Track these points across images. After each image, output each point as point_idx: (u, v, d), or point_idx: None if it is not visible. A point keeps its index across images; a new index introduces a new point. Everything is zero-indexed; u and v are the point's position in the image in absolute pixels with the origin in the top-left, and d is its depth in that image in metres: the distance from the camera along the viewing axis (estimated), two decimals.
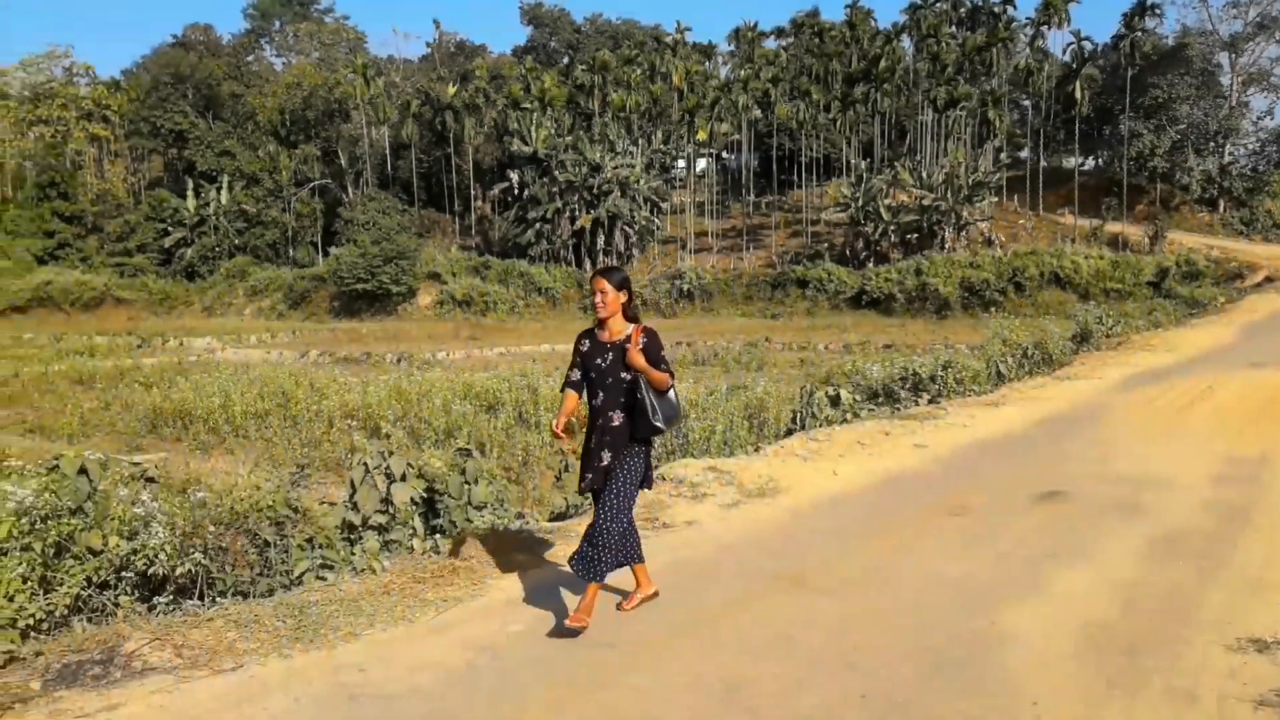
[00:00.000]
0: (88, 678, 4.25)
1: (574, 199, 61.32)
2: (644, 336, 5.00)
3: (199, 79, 75.12)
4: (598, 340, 5.11)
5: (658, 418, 4.93)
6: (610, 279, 5.06)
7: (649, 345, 4.99)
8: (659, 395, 4.97)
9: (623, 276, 5.11)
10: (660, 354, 5.01)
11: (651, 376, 4.93)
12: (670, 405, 5.04)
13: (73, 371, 32.58)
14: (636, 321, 5.10)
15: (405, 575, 5.77)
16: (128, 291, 62.70)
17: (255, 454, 19.05)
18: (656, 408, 4.94)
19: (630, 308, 5.11)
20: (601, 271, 5.10)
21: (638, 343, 4.96)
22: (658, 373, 4.94)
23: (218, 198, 67.54)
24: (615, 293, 5.04)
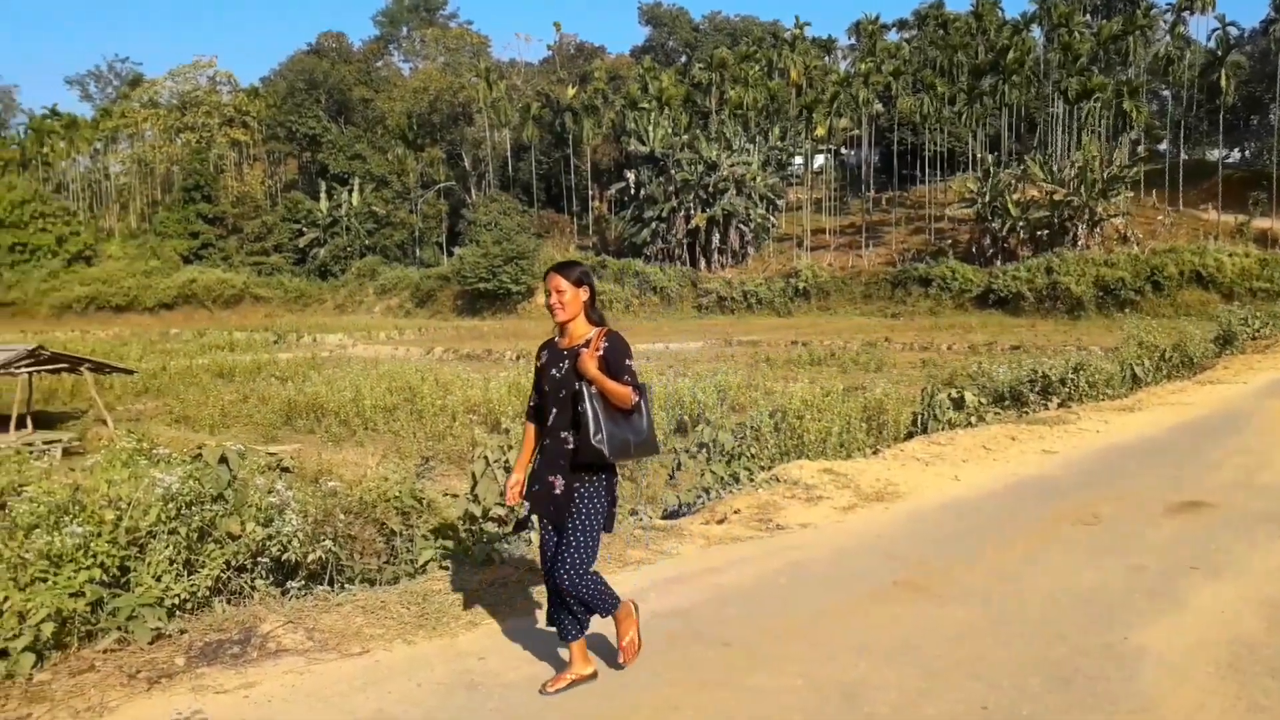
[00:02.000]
0: (227, 656, 4.48)
1: (689, 198, 61.34)
2: (605, 341, 4.21)
3: (331, 85, 78.37)
4: (555, 349, 4.34)
5: (600, 438, 4.03)
6: (567, 275, 4.25)
7: (610, 352, 4.17)
8: (613, 414, 4.11)
9: (582, 271, 4.29)
10: (625, 364, 4.15)
11: (606, 388, 4.08)
12: (628, 428, 4.14)
13: (214, 366, 34.42)
14: (601, 325, 4.31)
15: (524, 568, 5.88)
16: (265, 289, 65.85)
17: (383, 446, 19.73)
18: (600, 425, 4.05)
19: (594, 308, 4.32)
20: (556, 267, 4.29)
21: (596, 348, 4.18)
22: (615, 385, 4.08)
23: (349, 199, 70.25)
24: (573, 290, 4.23)
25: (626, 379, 4.12)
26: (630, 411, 4.15)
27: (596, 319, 4.30)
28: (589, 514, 4.15)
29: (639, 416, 4.18)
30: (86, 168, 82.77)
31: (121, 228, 77.90)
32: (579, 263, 4.38)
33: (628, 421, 4.15)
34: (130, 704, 4.00)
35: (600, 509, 4.18)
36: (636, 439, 4.17)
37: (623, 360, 4.16)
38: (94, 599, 4.60)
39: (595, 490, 4.17)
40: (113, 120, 79.97)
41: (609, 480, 4.23)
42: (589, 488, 4.16)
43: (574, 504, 4.15)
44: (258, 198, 76.15)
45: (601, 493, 4.19)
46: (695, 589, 5.61)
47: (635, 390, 4.12)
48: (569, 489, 4.16)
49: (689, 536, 6.78)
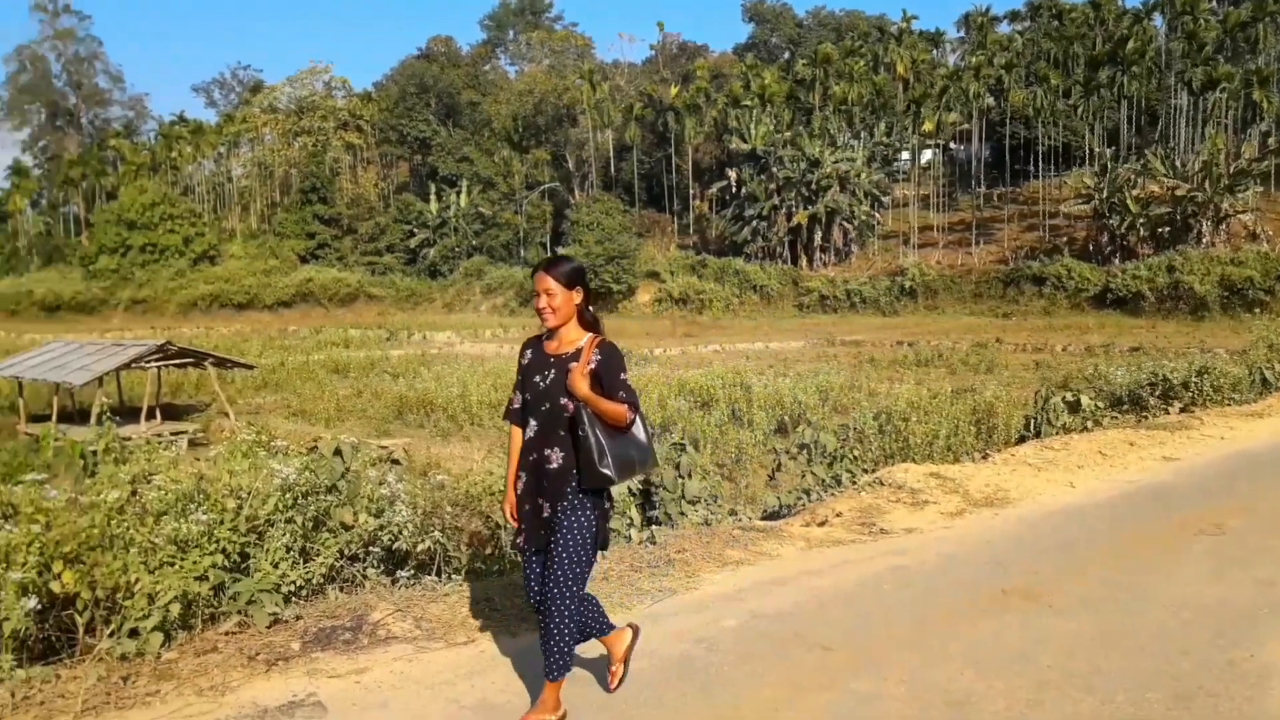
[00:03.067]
0: (339, 642, 4.65)
1: (791, 195, 60.73)
2: (598, 352, 3.77)
3: (441, 88, 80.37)
4: (541, 351, 3.94)
5: (606, 463, 3.69)
6: (557, 274, 3.80)
7: (604, 365, 3.75)
8: (612, 433, 3.74)
9: (575, 269, 3.84)
10: (619, 378, 3.75)
11: (599, 408, 3.70)
12: (632, 446, 3.79)
13: (330, 362, 35.67)
14: (595, 331, 3.87)
15: (623, 563, 5.93)
16: (378, 288, 67.89)
17: (489, 442, 20.12)
18: (605, 449, 3.70)
19: (588, 312, 3.87)
20: (545, 264, 3.85)
21: (588, 361, 3.75)
22: (609, 404, 3.71)
23: (457, 201, 71.90)
24: (565, 292, 3.79)
25: (622, 395, 3.73)
26: (626, 428, 3.77)
27: (590, 324, 3.86)
28: (578, 533, 3.76)
29: (637, 430, 3.82)
30: (211, 171, 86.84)
31: (243, 228, 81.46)
32: (571, 259, 3.96)
33: (627, 438, 3.78)
34: (249, 685, 4.18)
35: (588, 526, 3.78)
36: (640, 455, 3.82)
37: (617, 375, 3.75)
38: (217, 583, 4.83)
39: (584, 511, 3.78)
40: (235, 125, 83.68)
41: (599, 501, 3.83)
42: (578, 512, 3.77)
43: (558, 525, 3.76)
44: (371, 199, 78.60)
45: (588, 509, 3.78)
46: (795, 591, 5.56)
47: (631, 408, 3.74)
48: (555, 511, 3.78)
49: (789, 538, 6.72)
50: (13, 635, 4.33)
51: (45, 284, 69.95)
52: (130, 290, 66.30)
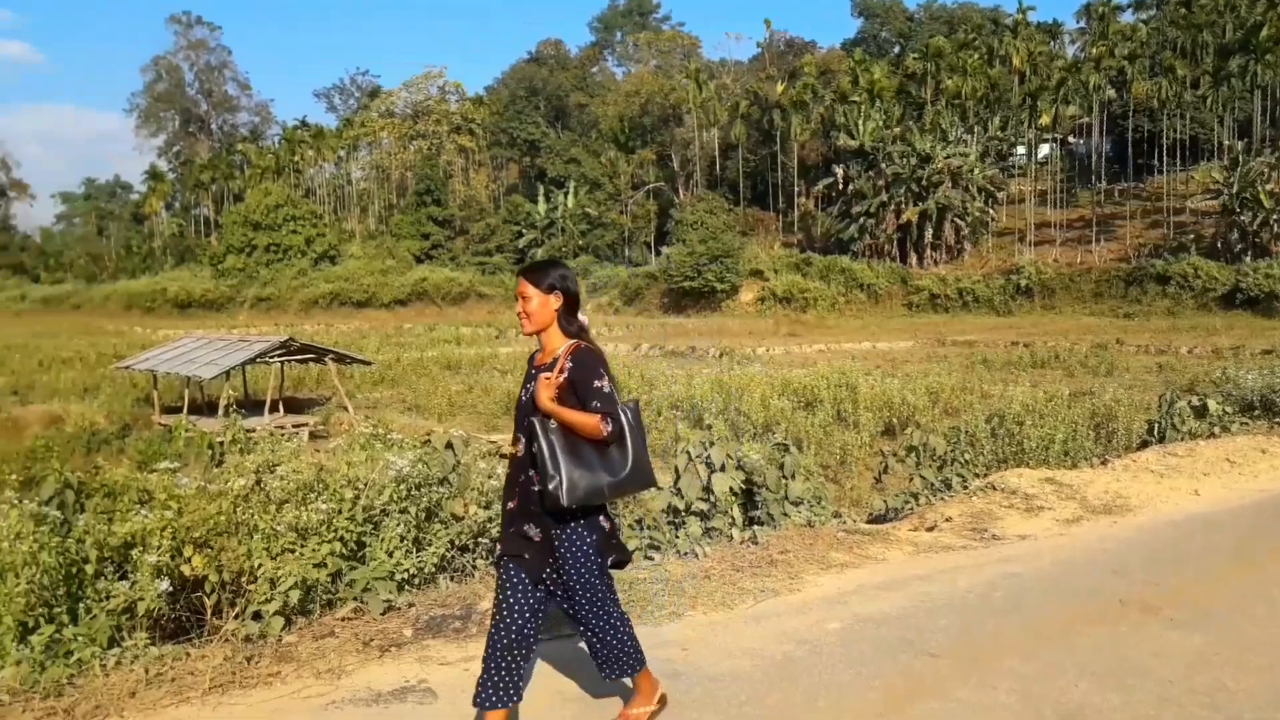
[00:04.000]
0: (449, 630, 4.79)
1: (900, 192, 59.48)
2: (571, 360, 3.45)
3: (550, 91, 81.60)
4: (532, 363, 3.67)
5: (556, 483, 3.32)
6: (535, 279, 3.53)
7: (576, 373, 3.43)
8: (578, 448, 3.38)
9: (556, 274, 3.55)
10: (594, 386, 3.40)
11: (565, 420, 3.37)
12: (601, 467, 3.39)
13: (442, 358, 36.62)
14: (578, 338, 3.56)
15: (725, 563, 5.93)
16: (488, 287, 69.34)
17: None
18: (558, 464, 3.33)
19: (570, 319, 3.57)
20: (524, 270, 3.59)
21: (561, 370, 3.45)
22: (577, 415, 3.36)
23: (564, 202, 72.89)
24: (541, 297, 3.51)
25: (595, 405, 3.36)
26: (606, 443, 3.40)
27: (573, 331, 3.56)
28: (582, 563, 3.49)
29: (618, 449, 3.43)
30: (332, 174, 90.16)
31: (361, 229, 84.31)
32: (554, 263, 3.65)
33: (601, 458, 3.40)
34: (364, 669, 4.35)
35: (589, 549, 3.50)
36: (613, 479, 3.40)
37: (591, 382, 3.40)
38: (334, 570, 5.03)
39: (579, 536, 3.49)
40: (354, 130, 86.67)
41: (589, 520, 3.51)
42: (573, 540, 3.48)
43: (560, 556, 3.49)
44: (482, 201, 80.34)
45: (582, 533, 3.48)
46: (902, 596, 5.47)
47: (606, 419, 3.34)
48: (547, 537, 3.49)
49: (895, 542, 6.61)
50: (147, 614, 4.60)
51: (178, 282, 73.70)
52: (256, 288, 69.32)
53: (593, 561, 3.52)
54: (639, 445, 3.49)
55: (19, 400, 28.02)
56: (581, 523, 3.48)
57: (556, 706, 4.03)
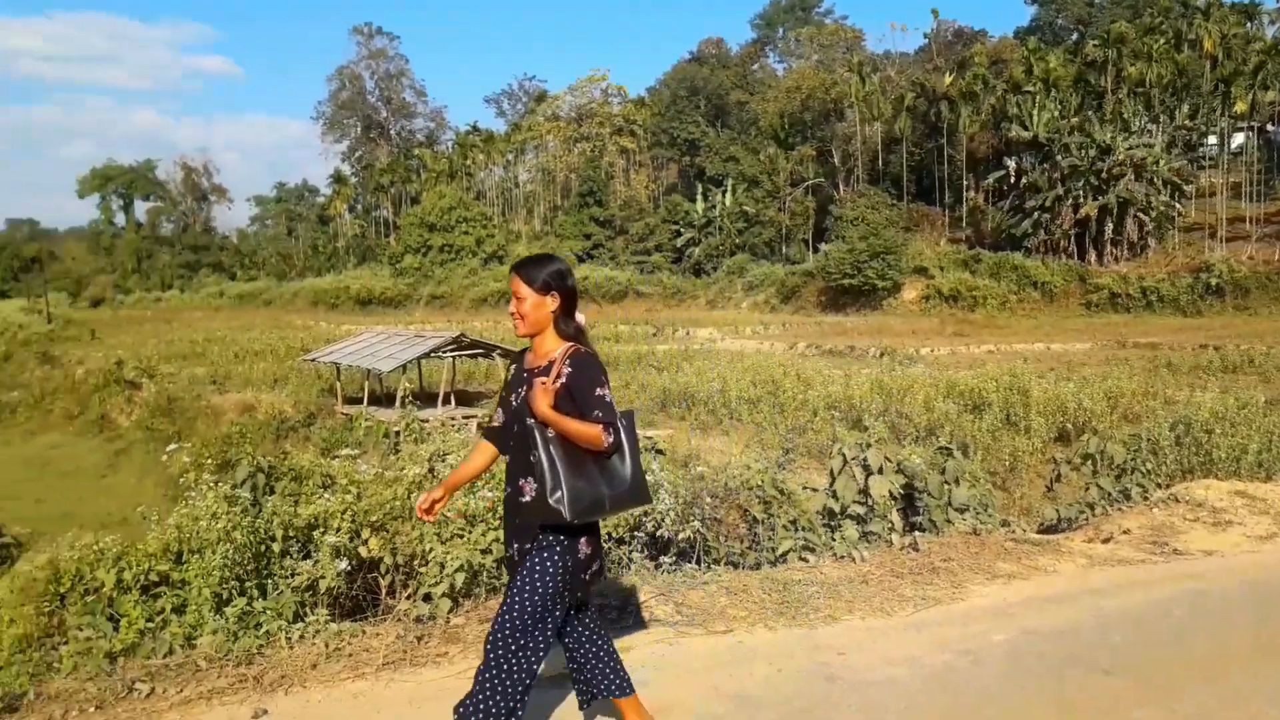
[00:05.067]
0: (606, 619, 4.90)
1: (1078, 185, 56.34)
2: (570, 364, 3.27)
3: (710, 90, 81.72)
4: (522, 365, 3.47)
5: (558, 496, 3.12)
6: (529, 277, 3.31)
7: (575, 379, 3.24)
8: (578, 459, 3.18)
9: (551, 272, 3.33)
10: (595, 394, 3.22)
11: (564, 429, 3.17)
12: (601, 480, 3.20)
13: (601, 355, 37.15)
14: (576, 341, 3.36)
15: (883, 568, 5.81)
16: (646, 286, 70.16)
17: (747, 436, 20.30)
18: (560, 479, 3.14)
19: (566, 320, 3.36)
20: (517, 266, 3.38)
21: (558, 374, 3.25)
22: (577, 424, 3.17)
23: (722, 200, 72.88)
24: (536, 298, 3.30)
25: (597, 415, 3.17)
26: (606, 455, 3.21)
27: (570, 333, 3.35)
28: (537, 572, 3.21)
29: (618, 461, 3.23)
30: (500, 177, 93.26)
31: (527, 230, 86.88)
32: (550, 259, 3.42)
33: (601, 469, 3.20)
34: None
35: (552, 571, 3.20)
36: (613, 492, 3.20)
37: (591, 390, 3.22)
38: (499, 557, 5.23)
39: (553, 555, 3.23)
40: (521, 134, 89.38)
41: (573, 540, 3.25)
42: (545, 555, 3.23)
43: (523, 569, 3.25)
44: (642, 201, 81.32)
45: (558, 559, 3.22)
46: (1073, 610, 5.21)
47: (608, 430, 3.16)
48: (523, 551, 3.29)
49: (1067, 554, 6.31)
50: (327, 592, 4.93)
51: (360, 280, 78.00)
52: (430, 286, 72.57)
53: (549, 582, 3.19)
54: (636, 458, 3.28)
55: (217, 389, 30.34)
56: (564, 540, 3.22)
57: (710, 702, 4.05)
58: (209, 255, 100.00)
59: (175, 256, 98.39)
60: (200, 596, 4.77)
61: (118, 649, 4.45)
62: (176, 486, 7.49)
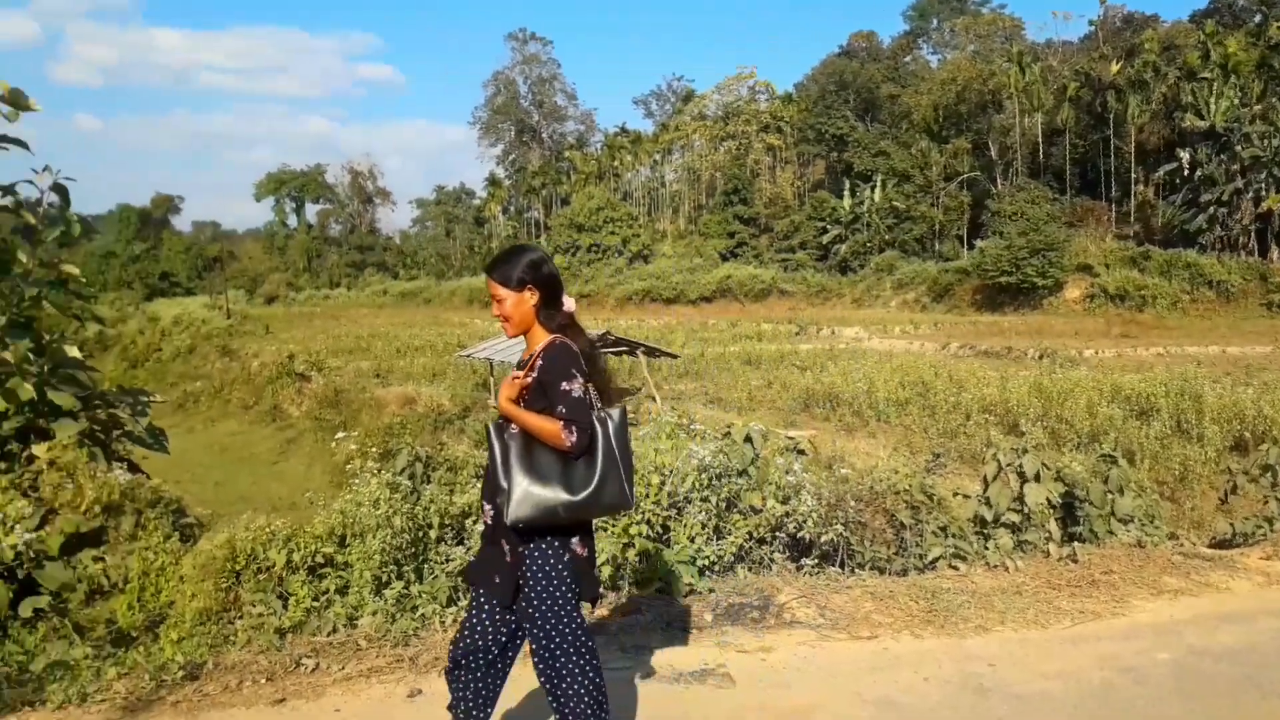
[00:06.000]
0: (747, 619, 4.91)
1: (1260, 177, 52.31)
2: (542, 359, 3.08)
3: (860, 84, 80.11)
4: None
5: (505, 495, 2.97)
6: (503, 276, 3.14)
7: (546, 372, 3.05)
8: (537, 458, 3.00)
9: (525, 265, 3.15)
10: (562, 389, 3.00)
11: (524, 423, 3.02)
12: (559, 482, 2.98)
13: (743, 354, 37.15)
14: (561, 331, 3.18)
15: (1039, 579, 5.58)
16: (790, 284, 69.43)
17: (894, 439, 19.84)
18: (511, 474, 2.98)
19: (550, 312, 3.16)
20: (489, 267, 3.24)
21: (531, 367, 3.10)
22: (536, 419, 3.00)
23: (871, 196, 71.34)
24: (514, 295, 3.13)
25: (561, 411, 2.97)
26: (572, 455, 3.00)
27: (555, 326, 3.17)
28: (547, 580, 3.05)
29: (585, 463, 3.01)
30: (647, 177, 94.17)
31: (672, 229, 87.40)
32: (520, 252, 3.24)
33: (563, 471, 2.99)
34: (669, 647, 4.56)
35: (563, 570, 3.05)
36: (571, 497, 2.97)
37: (559, 384, 3.00)
38: (642, 551, 5.32)
39: (546, 555, 3.05)
40: (668, 134, 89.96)
41: (562, 540, 3.07)
42: (539, 558, 3.05)
43: (527, 584, 3.06)
44: (787, 198, 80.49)
45: (558, 552, 3.05)
46: (1248, 630, 4.87)
47: (569, 427, 2.95)
48: (516, 555, 3.08)
49: (1243, 571, 5.90)
50: None
51: None
52: (578, 285, 74.05)
53: (565, 585, 3.05)
54: (612, 460, 3.03)
55: (381, 382, 31.81)
56: (554, 542, 3.05)
57: (854, 707, 4.00)
58: (373, 255, 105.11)
59: (343, 256, 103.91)
60: (361, 579, 5.03)
61: (286, 625, 4.76)
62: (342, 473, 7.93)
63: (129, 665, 4.28)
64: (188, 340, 47.96)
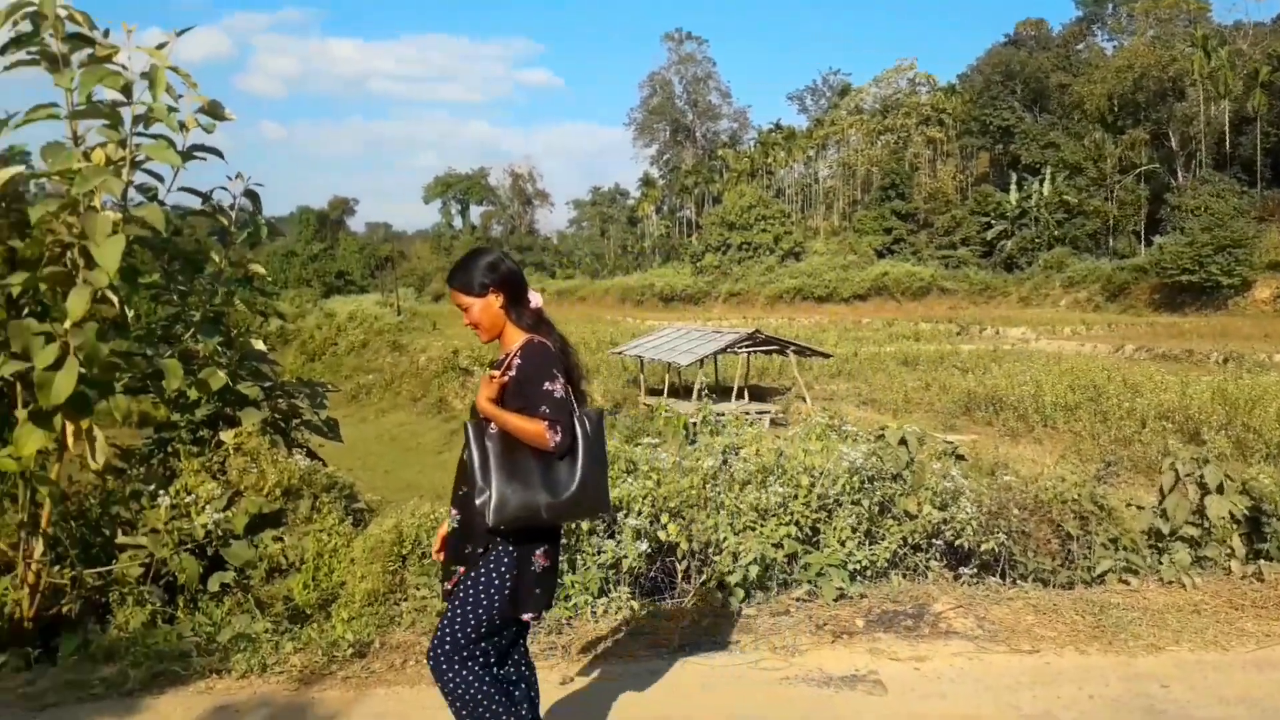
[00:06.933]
0: (900, 627, 4.79)
1: None
2: (520, 358, 3.03)
3: (1028, 74, 76.67)
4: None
5: (487, 497, 2.89)
6: (464, 285, 3.08)
7: (523, 371, 3.00)
8: (516, 459, 2.94)
9: (483, 269, 3.08)
10: (543, 389, 2.94)
11: (504, 423, 2.95)
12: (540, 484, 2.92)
13: (900, 354, 36.23)
14: (533, 330, 3.12)
15: (1219, 598, 5.22)
16: (950, 282, 67.21)
17: (1062, 445, 18.94)
18: (491, 480, 2.91)
19: (520, 311, 3.11)
20: (449, 278, 3.16)
21: (508, 367, 3.04)
22: (517, 419, 2.92)
23: (1039, 190, 68.18)
24: (479, 301, 3.07)
25: (544, 410, 2.90)
26: (554, 456, 2.94)
27: (527, 323, 3.12)
28: (481, 581, 2.98)
29: (567, 464, 2.95)
30: (800, 174, 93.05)
31: (825, 226, 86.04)
32: (476, 256, 3.15)
33: (544, 473, 2.93)
34: (816, 651, 4.52)
35: (499, 580, 2.96)
36: (553, 499, 2.92)
37: (539, 384, 2.95)
38: (790, 552, 5.28)
39: (499, 561, 2.97)
40: (823, 129, 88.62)
41: (525, 551, 2.99)
42: (490, 561, 2.98)
43: (468, 576, 3.01)
44: (948, 193, 77.91)
45: (504, 562, 2.97)
46: None
47: (553, 427, 2.89)
48: (474, 555, 3.02)
49: None
50: (629, 571, 5.21)
51: (663, 278, 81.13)
52: (728, 284, 74.01)
53: (492, 590, 2.97)
54: (592, 461, 2.99)
55: None
56: (514, 553, 2.98)
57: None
58: (532, 255, 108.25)
59: None
60: None
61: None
62: None
63: (304, 640, 4.57)
64: (361, 335, 50.59)
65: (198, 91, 4.94)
